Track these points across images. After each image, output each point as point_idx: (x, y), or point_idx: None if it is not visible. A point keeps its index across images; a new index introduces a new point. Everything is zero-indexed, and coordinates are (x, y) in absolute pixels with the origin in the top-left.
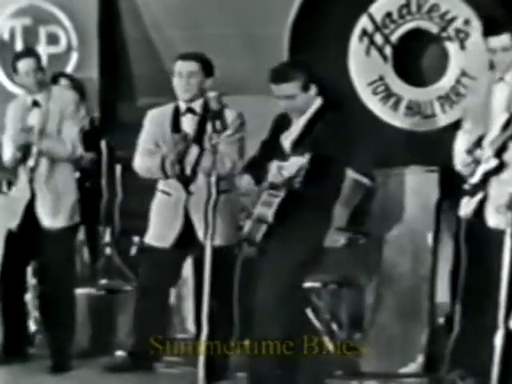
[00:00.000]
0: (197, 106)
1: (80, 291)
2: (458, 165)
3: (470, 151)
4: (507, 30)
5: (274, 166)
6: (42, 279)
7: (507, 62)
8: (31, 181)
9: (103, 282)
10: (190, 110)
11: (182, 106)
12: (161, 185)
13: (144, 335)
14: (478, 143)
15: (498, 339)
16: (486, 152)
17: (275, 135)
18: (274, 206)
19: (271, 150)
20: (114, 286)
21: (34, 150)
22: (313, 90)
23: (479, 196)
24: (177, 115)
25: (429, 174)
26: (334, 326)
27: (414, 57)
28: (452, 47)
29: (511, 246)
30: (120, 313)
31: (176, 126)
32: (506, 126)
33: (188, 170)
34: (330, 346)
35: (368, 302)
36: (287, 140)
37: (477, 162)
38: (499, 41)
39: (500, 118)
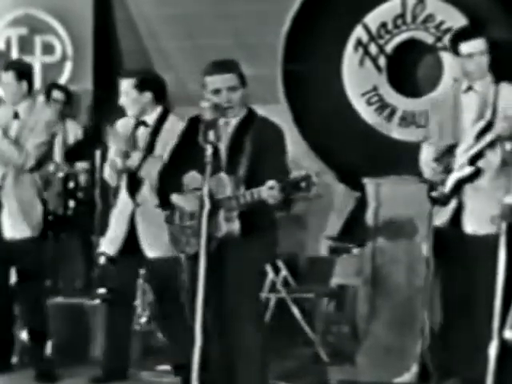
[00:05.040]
0: (150, 119)
1: (74, 300)
2: (427, 174)
3: (437, 159)
4: (479, 34)
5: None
6: (19, 288)
7: (483, 66)
8: (0, 188)
9: (98, 291)
10: (142, 123)
11: (137, 118)
12: (120, 194)
13: (109, 345)
14: (447, 152)
15: (493, 349)
16: (459, 160)
17: (187, 141)
18: (237, 220)
19: (183, 156)
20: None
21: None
22: (243, 90)
23: (454, 204)
24: (136, 126)
25: (423, 184)
26: (328, 336)
27: (409, 67)
28: (447, 57)
29: (505, 255)
30: None
31: (133, 136)
32: (480, 135)
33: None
34: (324, 355)
35: (362, 311)
36: (223, 143)
37: (448, 171)
38: (474, 45)
39: (474, 127)
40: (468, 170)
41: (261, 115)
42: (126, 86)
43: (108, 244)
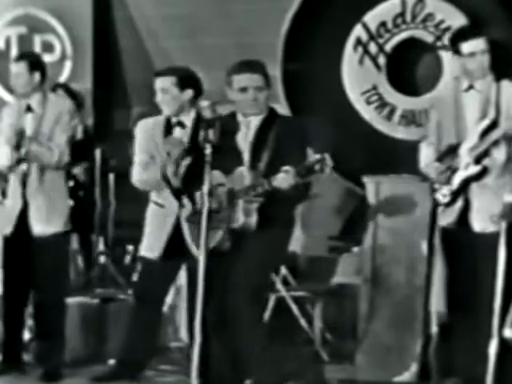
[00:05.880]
0: (187, 119)
1: (74, 300)
2: (431, 174)
3: (440, 159)
4: (480, 33)
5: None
6: (35, 286)
7: (484, 65)
8: (24, 186)
9: (97, 290)
10: (178, 124)
11: (173, 118)
12: (153, 196)
13: (134, 344)
14: (450, 152)
15: (492, 348)
16: (464, 159)
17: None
18: (255, 213)
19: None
20: (108, 295)
21: (23, 154)
22: (268, 90)
23: (460, 203)
24: (169, 127)
25: (423, 183)
26: (328, 335)
27: (409, 66)
28: (446, 56)
29: (504, 254)
30: (113, 321)
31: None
32: (484, 134)
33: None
34: (323, 354)
35: (362, 310)
36: (245, 145)
37: (452, 170)
38: (475, 45)
39: (477, 126)
40: (474, 168)
41: (282, 114)
42: (163, 83)
43: (149, 247)
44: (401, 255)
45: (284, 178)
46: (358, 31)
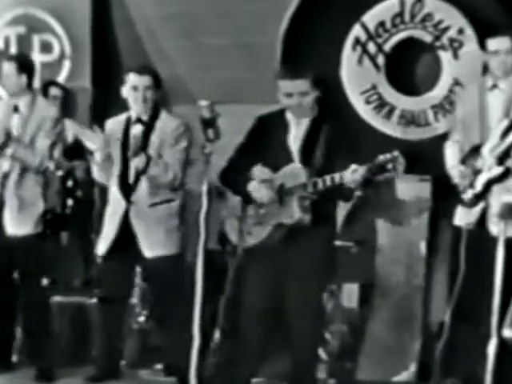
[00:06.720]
0: (144, 115)
1: (73, 299)
2: (455, 178)
3: (463, 161)
4: (508, 32)
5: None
6: (20, 285)
7: (508, 65)
8: (2, 186)
9: (96, 290)
10: (139, 120)
11: (133, 116)
12: (110, 193)
13: (100, 343)
14: (473, 152)
15: (491, 348)
16: (488, 160)
17: (255, 138)
18: (309, 209)
19: (251, 152)
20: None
21: (9, 154)
22: (315, 92)
23: (481, 205)
24: (128, 125)
25: (422, 183)
26: (327, 335)
27: (407, 66)
28: (445, 56)
29: (503, 254)
30: None
31: (126, 135)
32: (505, 133)
33: (132, 179)
34: (323, 354)
35: (361, 310)
36: (295, 143)
37: (475, 172)
38: (501, 43)
39: (499, 126)
40: (497, 170)
41: (331, 114)
42: (144, 81)
43: (100, 243)
44: (400, 255)
45: (353, 179)
46: (356, 31)
